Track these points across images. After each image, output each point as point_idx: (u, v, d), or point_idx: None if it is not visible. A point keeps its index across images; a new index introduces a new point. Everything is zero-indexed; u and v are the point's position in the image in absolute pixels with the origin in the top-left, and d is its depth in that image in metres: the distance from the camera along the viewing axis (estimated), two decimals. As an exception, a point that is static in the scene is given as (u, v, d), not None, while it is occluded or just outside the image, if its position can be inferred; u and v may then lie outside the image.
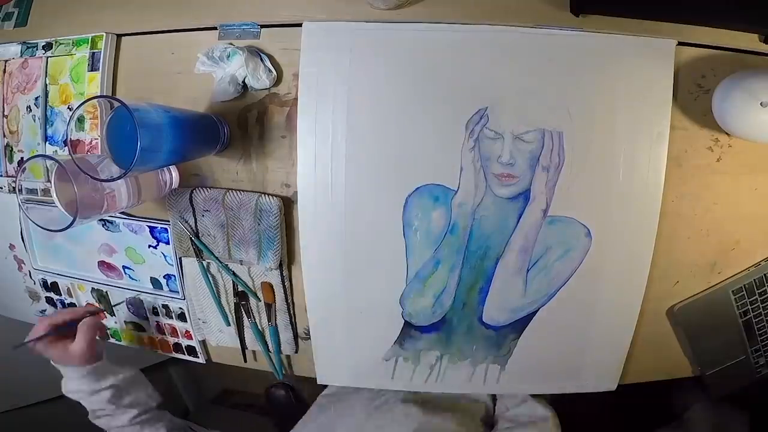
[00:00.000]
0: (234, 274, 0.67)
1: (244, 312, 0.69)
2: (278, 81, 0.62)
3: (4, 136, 0.72)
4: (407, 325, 0.64)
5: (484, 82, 0.57)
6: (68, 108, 0.68)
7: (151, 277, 0.72)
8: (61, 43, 0.68)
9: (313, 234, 0.62)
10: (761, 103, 0.49)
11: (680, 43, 0.57)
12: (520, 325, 0.62)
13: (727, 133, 0.57)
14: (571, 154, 0.58)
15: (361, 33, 0.59)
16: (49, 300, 0.79)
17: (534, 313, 0.62)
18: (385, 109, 0.59)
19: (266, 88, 0.62)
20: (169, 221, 0.66)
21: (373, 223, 0.61)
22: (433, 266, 0.61)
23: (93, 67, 0.66)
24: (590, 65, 0.57)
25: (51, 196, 0.55)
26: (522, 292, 0.61)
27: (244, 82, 0.61)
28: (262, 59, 0.60)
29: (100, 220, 0.70)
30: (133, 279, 0.73)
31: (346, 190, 0.60)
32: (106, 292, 0.75)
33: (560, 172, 0.58)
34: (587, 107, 0.57)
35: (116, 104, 0.51)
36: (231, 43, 0.62)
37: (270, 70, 0.60)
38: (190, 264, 0.68)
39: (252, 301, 0.68)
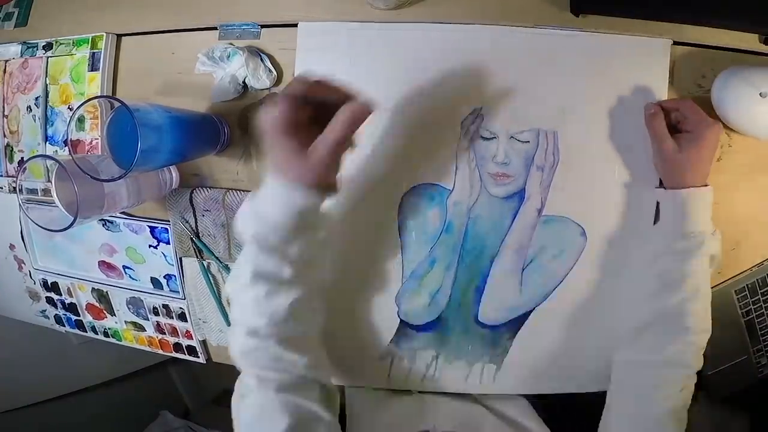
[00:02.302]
0: (234, 273, 0.67)
1: (243, 312, 0.69)
2: (278, 81, 0.62)
3: (5, 136, 0.73)
4: (403, 324, 0.63)
5: (480, 81, 0.57)
6: (68, 108, 0.68)
7: (151, 277, 0.72)
8: (61, 43, 0.68)
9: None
10: (760, 94, 0.49)
11: (681, 43, 0.57)
12: (516, 324, 0.62)
13: (727, 133, 0.57)
14: (566, 154, 0.58)
15: (358, 33, 0.59)
16: (49, 300, 0.79)
17: (530, 312, 0.61)
18: (381, 109, 0.59)
19: (267, 88, 0.62)
20: (169, 221, 0.66)
21: (369, 223, 0.61)
22: (429, 265, 0.61)
23: (93, 67, 0.66)
24: (586, 65, 0.57)
25: (51, 196, 0.55)
26: (517, 292, 0.61)
27: (244, 82, 0.61)
28: (262, 59, 0.61)
29: (101, 220, 0.70)
30: (133, 279, 0.73)
31: (342, 190, 0.60)
32: (107, 292, 0.75)
33: (555, 171, 0.58)
34: (583, 107, 0.57)
35: (117, 104, 0.51)
36: (231, 43, 0.62)
37: (270, 70, 0.61)
38: (191, 264, 0.68)
39: (252, 300, 0.68)
